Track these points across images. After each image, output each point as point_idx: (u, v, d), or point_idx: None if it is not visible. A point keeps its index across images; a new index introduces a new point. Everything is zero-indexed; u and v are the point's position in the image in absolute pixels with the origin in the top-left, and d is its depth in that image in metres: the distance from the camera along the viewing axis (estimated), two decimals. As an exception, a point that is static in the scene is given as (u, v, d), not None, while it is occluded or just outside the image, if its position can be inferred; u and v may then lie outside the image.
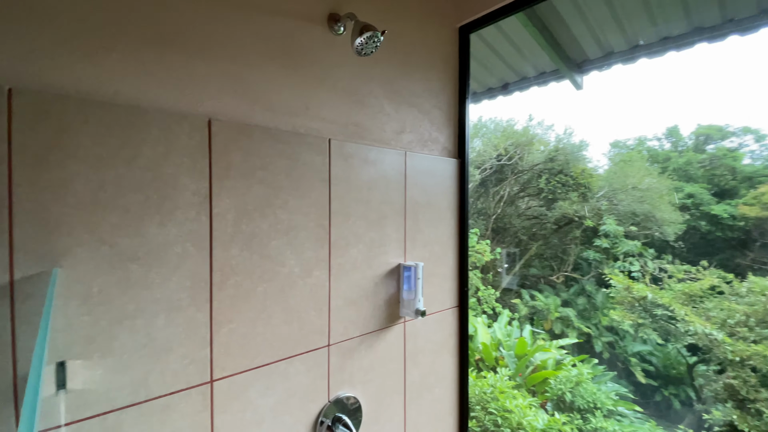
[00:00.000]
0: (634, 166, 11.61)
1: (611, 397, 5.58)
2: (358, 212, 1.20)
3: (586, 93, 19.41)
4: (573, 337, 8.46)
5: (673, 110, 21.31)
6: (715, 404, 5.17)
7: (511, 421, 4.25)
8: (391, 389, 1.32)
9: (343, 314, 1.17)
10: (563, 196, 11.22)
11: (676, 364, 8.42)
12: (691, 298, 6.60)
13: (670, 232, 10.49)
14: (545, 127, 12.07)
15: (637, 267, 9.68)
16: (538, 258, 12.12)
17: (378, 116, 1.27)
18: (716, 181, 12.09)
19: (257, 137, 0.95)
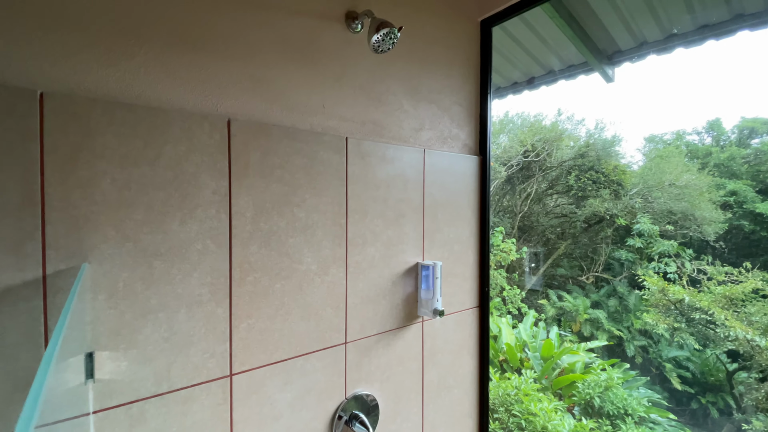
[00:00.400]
0: (671, 161, 11.01)
1: (643, 404, 5.34)
2: (375, 210, 1.19)
3: (618, 86, 18.51)
4: (603, 340, 8.15)
5: (714, 102, 20.03)
6: (756, 414, 4.85)
7: (536, 424, 4.14)
8: (409, 388, 1.32)
9: (361, 312, 1.17)
10: (594, 193, 10.81)
11: (714, 370, 7.95)
12: (732, 302, 6.19)
13: (710, 231, 9.89)
14: (575, 122, 11.65)
15: (674, 268, 9.19)
16: (567, 258, 11.74)
17: (396, 114, 1.26)
18: (761, 177, 11.28)
19: (275, 136, 0.96)
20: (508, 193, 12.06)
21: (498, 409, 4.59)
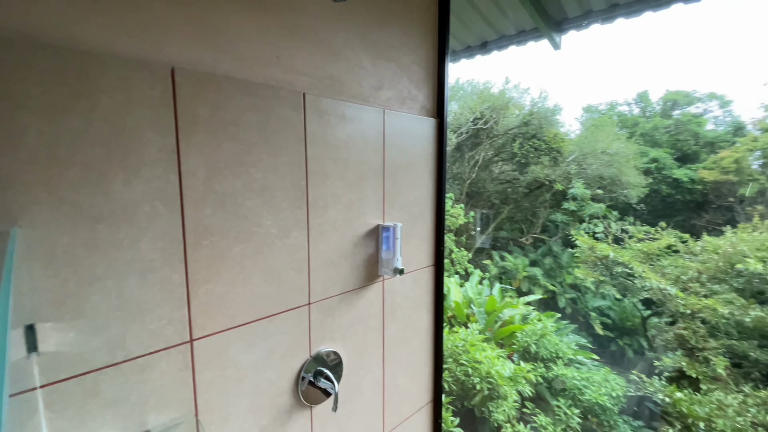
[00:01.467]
0: (604, 130, 11.93)
1: (572, 348, 6.08)
2: (336, 172, 1.17)
3: (564, 54, 19.35)
4: (539, 294, 9.01)
5: (644, 75, 21.72)
6: (665, 352, 5.75)
7: (481, 370, 4.56)
8: (371, 343, 1.37)
9: (323, 274, 1.17)
10: (535, 160, 11.46)
11: (631, 317, 9.20)
12: (649, 257, 7.10)
13: (633, 195, 11.05)
14: (521, 90, 12.06)
15: (601, 228, 10.23)
16: (509, 221, 12.54)
17: (355, 70, 1.22)
18: (679, 146, 12.66)
19: (226, 89, 0.89)
20: (458, 161, 12.40)
21: (447, 360, 4.97)
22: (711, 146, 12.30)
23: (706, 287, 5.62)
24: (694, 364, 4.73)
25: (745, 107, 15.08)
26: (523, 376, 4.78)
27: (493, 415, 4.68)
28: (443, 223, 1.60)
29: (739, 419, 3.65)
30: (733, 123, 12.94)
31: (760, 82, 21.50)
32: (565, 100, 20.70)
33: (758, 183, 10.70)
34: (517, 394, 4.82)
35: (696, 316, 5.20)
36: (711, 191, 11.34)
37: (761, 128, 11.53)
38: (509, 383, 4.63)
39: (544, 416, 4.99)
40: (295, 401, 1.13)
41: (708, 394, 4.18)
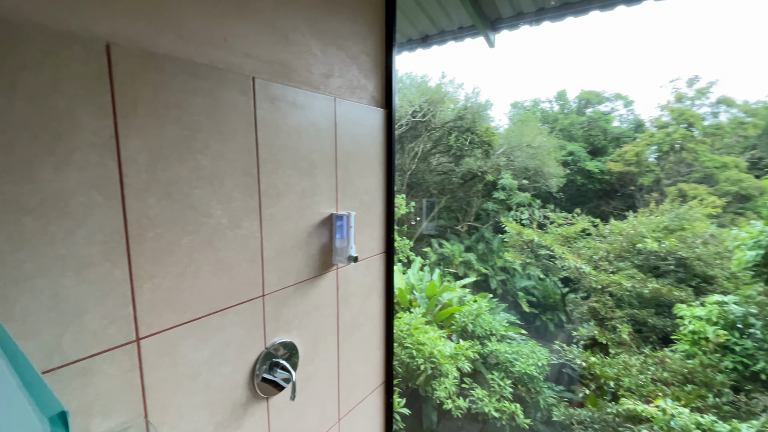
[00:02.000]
0: (529, 125, 12.95)
1: (503, 325, 6.63)
2: (288, 160, 1.15)
3: (497, 52, 20.60)
4: (473, 277, 9.62)
5: (564, 75, 23.93)
6: (581, 324, 6.53)
7: (424, 351, 4.79)
8: (326, 331, 1.38)
9: (277, 264, 1.15)
10: (469, 153, 12.10)
11: (552, 294, 10.25)
12: (567, 240, 7.95)
13: (553, 184, 12.21)
14: (456, 85, 12.58)
15: (527, 215, 11.19)
16: (447, 210, 13.15)
17: (305, 56, 1.20)
18: (591, 140, 14.22)
19: (169, 69, 0.83)
20: (399, 152, 12.65)
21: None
22: (617, 141, 14.03)
23: (613, 265, 6.48)
24: (604, 332, 5.47)
25: (644, 107, 17.46)
26: (462, 353, 5.12)
27: (436, 392, 4.95)
28: (393, 211, 1.65)
29: (641, 377, 4.31)
30: (634, 120, 14.86)
31: (657, 85, 24.89)
32: (495, 96, 22.11)
33: (654, 173, 12.48)
34: (457, 370, 5.16)
35: (605, 291, 5.99)
36: (617, 181, 12.98)
37: (657, 125, 13.40)
38: (450, 361, 4.94)
39: (480, 389, 5.41)
40: (251, 394, 1.11)
41: (616, 357, 4.86)
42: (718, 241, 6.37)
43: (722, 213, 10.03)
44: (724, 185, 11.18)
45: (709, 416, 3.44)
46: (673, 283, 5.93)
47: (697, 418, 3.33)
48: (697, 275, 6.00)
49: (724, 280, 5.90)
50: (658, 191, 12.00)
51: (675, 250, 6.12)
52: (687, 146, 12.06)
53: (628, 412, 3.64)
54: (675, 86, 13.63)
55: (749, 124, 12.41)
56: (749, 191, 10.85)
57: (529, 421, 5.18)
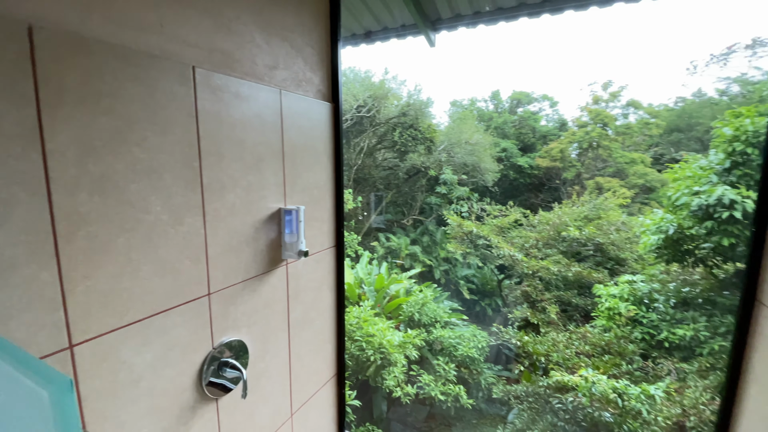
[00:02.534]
0: (467, 123, 13.59)
1: (446, 312, 6.95)
2: (232, 153, 1.12)
3: (437, 51, 21.28)
4: (419, 269, 9.95)
5: (497, 75, 25.43)
6: (515, 306, 7.07)
7: (374, 343, 4.88)
8: (277, 327, 1.37)
9: (223, 262, 1.12)
10: (413, 148, 12.40)
11: (490, 281, 10.94)
12: (502, 230, 8.53)
13: (489, 179, 12.98)
14: (399, 82, 12.78)
15: (466, 208, 11.79)
16: (393, 205, 13.40)
17: (248, 46, 1.16)
18: (522, 138, 15.31)
19: (99, 55, 0.76)
20: (345, 147, 12.56)
21: (342, 340, 5.14)
22: (544, 138, 15.27)
23: (542, 252, 7.12)
24: (536, 313, 6.00)
25: (567, 107, 19.28)
26: (410, 341, 5.29)
27: (386, 382, 5.08)
28: (342, 205, 1.67)
29: (567, 351, 4.81)
30: (559, 120, 16.26)
31: (578, 87, 27.48)
32: (436, 94, 22.86)
33: (575, 168, 13.79)
34: (405, 359, 5.33)
35: (536, 275, 6.56)
36: (544, 175, 14.16)
37: (578, 125, 14.80)
38: (399, 350, 5.08)
39: (427, 375, 5.65)
40: (199, 396, 1.07)
41: (545, 335, 5.35)
42: (628, 228, 7.28)
43: (631, 203, 11.45)
44: (633, 178, 12.74)
45: (622, 381, 3.95)
46: (592, 266, 6.68)
47: (613, 384, 3.81)
48: (612, 258, 6.82)
49: (633, 262, 6.76)
50: (579, 184, 13.34)
51: (593, 237, 6.90)
52: (602, 144, 13.54)
53: (556, 383, 4.06)
54: (592, 89, 15.16)
55: (653, 124, 14.24)
56: (653, 183, 12.48)
57: (472, 401, 5.54)
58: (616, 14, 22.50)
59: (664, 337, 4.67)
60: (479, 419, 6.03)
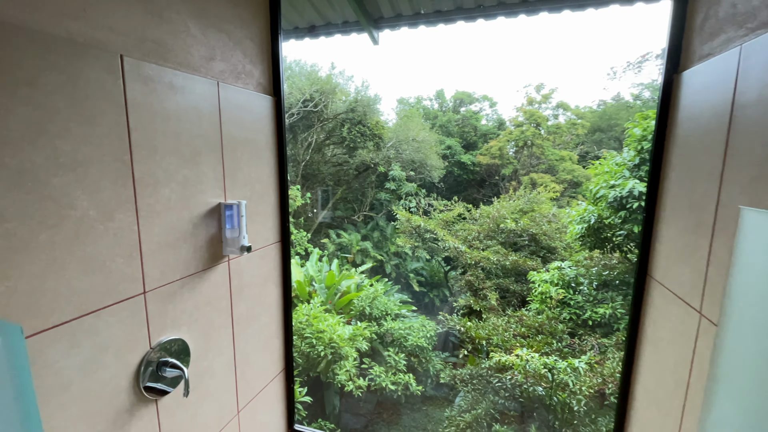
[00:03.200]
0: (413, 121, 13.91)
1: (397, 304, 7.13)
2: (167, 146, 1.08)
3: (382, 49, 21.45)
4: (370, 264, 10.06)
5: (441, 75, 26.27)
6: (460, 295, 7.43)
7: (324, 338, 4.88)
8: (220, 325, 1.35)
9: (159, 258, 1.09)
10: (362, 144, 12.44)
11: (437, 273, 11.37)
12: (447, 223, 8.91)
13: (435, 175, 13.43)
14: (346, 77, 12.72)
15: (414, 203, 12.12)
16: (343, 201, 13.36)
17: (182, 36, 1.13)
18: (465, 136, 16.02)
19: (15, 41, 0.71)
20: (291, 142, 12.27)
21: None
22: (484, 137, 16.11)
23: (483, 243, 7.57)
24: (478, 300, 6.39)
25: (505, 108, 20.53)
26: (360, 334, 5.37)
27: (337, 377, 5.11)
28: (287, 199, 1.67)
29: (506, 334, 5.18)
30: (497, 119, 17.23)
31: (514, 89, 29.31)
32: (383, 91, 23.08)
33: (513, 165, 14.74)
34: (356, 352, 5.40)
35: (478, 265, 6.97)
36: (485, 172, 14.97)
37: (514, 124, 15.80)
38: (350, 343, 5.13)
39: (378, 366, 5.76)
40: (136, 398, 1.04)
41: (487, 320, 5.72)
42: (558, 219, 7.99)
43: (560, 197, 12.54)
44: (562, 174, 13.93)
45: (552, 357, 4.36)
46: (527, 255, 7.25)
47: (545, 360, 4.20)
48: (544, 247, 7.45)
49: (563, 250, 7.44)
50: (516, 180, 14.31)
51: (528, 228, 7.48)
52: (536, 142, 14.63)
53: (496, 364, 4.38)
54: (527, 91, 16.27)
55: (579, 124, 15.64)
56: (579, 179, 13.73)
57: (421, 388, 5.76)
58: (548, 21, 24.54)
59: (588, 316, 5.22)
60: (429, 405, 6.29)
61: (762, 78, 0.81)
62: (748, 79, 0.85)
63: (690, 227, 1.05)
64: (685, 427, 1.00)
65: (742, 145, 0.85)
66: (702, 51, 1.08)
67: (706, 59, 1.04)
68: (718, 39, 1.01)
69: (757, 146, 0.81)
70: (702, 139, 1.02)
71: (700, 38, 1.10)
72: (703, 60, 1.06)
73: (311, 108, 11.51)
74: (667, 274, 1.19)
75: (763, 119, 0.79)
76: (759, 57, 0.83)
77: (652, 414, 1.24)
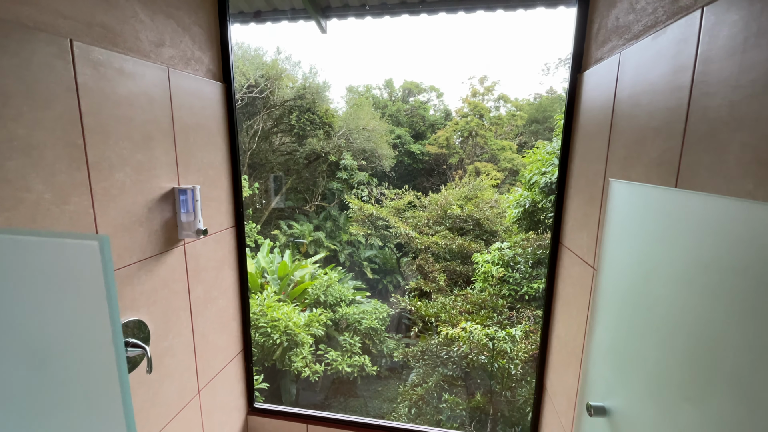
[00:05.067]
0: (364, 110, 13.93)
1: (351, 291, 7.27)
2: (120, 131, 1.10)
3: (330, 38, 20.97)
4: (323, 253, 10.08)
5: (389, 65, 26.36)
6: (412, 279, 7.74)
7: (280, 326, 4.90)
8: (178, 307, 1.39)
9: (116, 241, 1.11)
10: (312, 133, 12.25)
11: (390, 260, 11.67)
12: (398, 211, 9.18)
13: (386, 164, 13.64)
14: (293, 63, 12.36)
15: (366, 192, 12.26)
16: (294, 191, 13.11)
17: (131, 22, 1.14)
18: (414, 126, 16.37)
19: (-40, 21, 0.72)
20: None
21: (245, 329, 5.02)
22: (432, 127, 16.59)
23: (432, 229, 7.94)
24: (428, 282, 6.74)
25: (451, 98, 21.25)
26: (316, 319, 5.44)
27: (294, 364, 5.16)
28: (240, 185, 1.71)
29: (453, 311, 5.56)
30: (444, 110, 17.79)
31: (459, 81, 30.27)
32: (333, 79, 22.71)
33: (459, 154, 15.39)
34: (312, 338, 5.48)
35: (428, 250, 7.31)
36: (433, 161, 15.48)
37: (460, 115, 16.43)
38: (305, 329, 5.19)
39: (334, 351, 5.90)
40: (99, 376, 1.07)
41: (435, 300, 6.07)
42: (499, 205, 8.59)
43: (501, 184, 13.39)
44: (503, 163, 14.84)
45: (493, 328, 4.79)
46: (472, 238, 7.74)
47: (486, 331, 4.60)
48: (487, 231, 7.99)
49: (503, 233, 8.04)
50: (462, 168, 14.99)
51: (472, 214, 7.97)
52: (480, 133, 15.39)
53: (444, 338, 4.71)
54: (471, 83, 16.96)
55: (518, 116, 16.67)
56: (518, 167, 14.71)
57: (376, 368, 6.00)
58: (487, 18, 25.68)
59: (524, 292, 5.75)
60: (384, 384, 6.57)
61: (632, 78, 1.04)
62: (624, 80, 1.08)
63: (586, 200, 1.29)
64: (584, 359, 1.26)
65: (618, 132, 1.09)
66: (597, 55, 1.32)
67: (599, 63, 1.28)
68: (606, 46, 1.24)
69: (626, 132, 1.04)
70: (595, 128, 1.26)
71: (595, 44, 1.33)
72: (597, 63, 1.29)
73: (256, 94, 11.09)
74: (572, 240, 1.44)
75: (631, 111, 1.02)
76: (631, 62, 1.05)
77: (562, 355, 1.50)
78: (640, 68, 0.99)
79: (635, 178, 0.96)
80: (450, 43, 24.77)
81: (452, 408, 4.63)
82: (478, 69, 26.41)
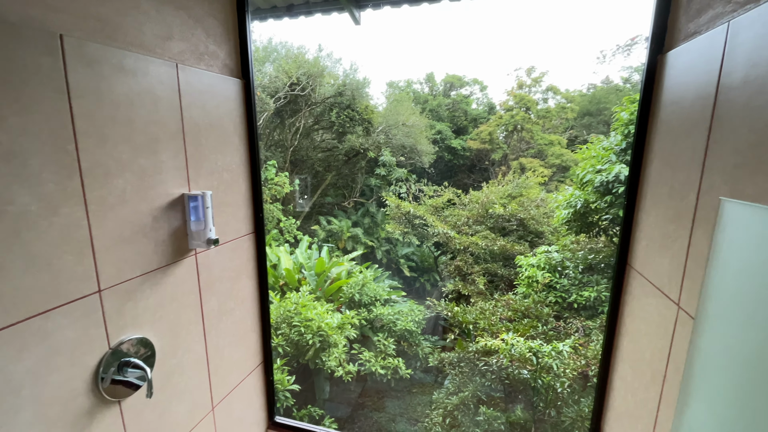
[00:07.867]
0: (403, 105, 13.69)
1: (386, 290, 7.15)
2: (118, 134, 1.01)
3: (364, 29, 20.86)
4: (360, 250, 10.05)
5: (430, 58, 25.78)
6: (449, 280, 7.47)
7: (313, 327, 4.87)
8: (188, 321, 1.30)
9: (115, 254, 1.02)
10: (351, 129, 12.24)
11: (428, 258, 11.42)
12: (437, 209, 8.90)
13: (426, 161, 13.34)
14: (334, 60, 12.38)
15: (404, 189, 12.06)
16: (333, 187, 13.23)
17: (132, 13, 1.04)
18: (455, 120, 15.87)
19: None
20: (278, 127, 12.03)
21: (280, 326, 5.06)
22: (475, 121, 15.99)
23: (472, 228, 7.59)
24: (466, 285, 6.44)
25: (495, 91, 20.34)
26: (349, 322, 5.37)
27: (327, 363, 5.13)
28: (260, 188, 1.60)
29: (493, 318, 5.24)
30: (488, 104, 17.07)
31: (504, 73, 29.01)
32: (371, 74, 22.64)
33: (502, 150, 14.70)
34: (346, 339, 5.42)
35: (467, 251, 6.99)
36: (475, 156, 14.92)
37: (504, 108, 15.68)
38: (338, 332, 5.14)
39: (368, 352, 5.80)
40: (96, 400, 0.99)
41: (474, 305, 5.77)
42: (545, 204, 8.02)
43: (549, 181, 12.59)
44: (551, 159, 13.94)
45: (537, 341, 4.43)
46: (515, 239, 7.29)
47: (529, 344, 4.26)
48: (532, 232, 7.49)
49: (549, 235, 7.50)
50: (506, 165, 14.30)
51: (516, 213, 7.51)
52: (526, 127, 14.57)
53: (483, 348, 4.43)
54: (517, 74, 16.11)
55: (568, 108, 15.59)
56: (568, 163, 13.77)
57: (410, 371, 5.83)
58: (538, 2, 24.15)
59: (573, 300, 5.29)
60: (418, 388, 6.39)
61: (749, 57, 0.76)
62: (735, 59, 0.80)
63: (670, 216, 1.01)
64: (661, 419, 0.99)
65: (725, 131, 0.81)
66: (688, 29, 1.03)
67: (692, 38, 0.99)
68: (705, 15, 0.95)
69: (741, 132, 0.76)
70: (685, 123, 0.98)
71: (686, 15, 1.04)
72: (689, 39, 1.01)
73: (298, 92, 11.23)
74: (645, 264, 1.16)
75: (749, 103, 0.75)
76: (747, 34, 0.77)
77: (629, 403, 1.23)
78: (766, 40, 0.71)
79: (752, 195, 0.70)
80: (494, 32, 23.67)
81: (489, 422, 4.35)
82: (525, 59, 25.06)
